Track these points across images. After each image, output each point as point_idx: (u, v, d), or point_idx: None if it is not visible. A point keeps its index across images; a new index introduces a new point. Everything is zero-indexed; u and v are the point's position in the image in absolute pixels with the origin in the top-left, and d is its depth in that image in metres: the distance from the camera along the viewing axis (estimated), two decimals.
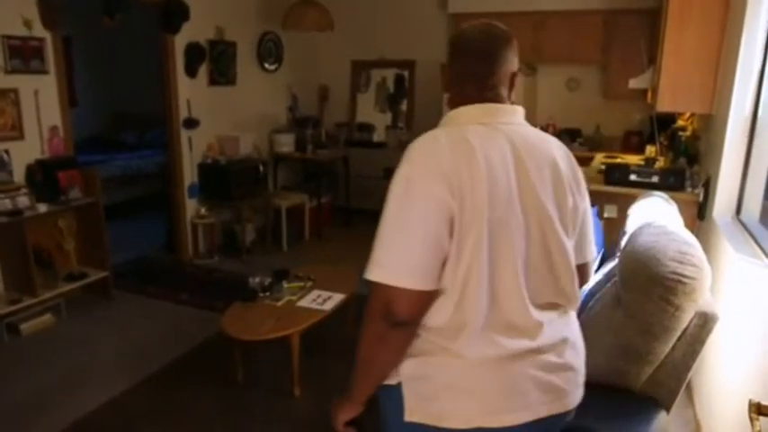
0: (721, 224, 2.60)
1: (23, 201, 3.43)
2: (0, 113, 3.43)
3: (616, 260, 2.21)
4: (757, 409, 1.14)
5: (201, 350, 3.30)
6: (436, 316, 1.14)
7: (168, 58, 4.54)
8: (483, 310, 1.12)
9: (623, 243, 2.09)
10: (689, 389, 2.74)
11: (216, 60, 4.91)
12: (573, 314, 1.27)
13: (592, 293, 2.12)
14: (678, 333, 1.70)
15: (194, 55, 4.69)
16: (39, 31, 3.62)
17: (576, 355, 1.25)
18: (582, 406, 1.25)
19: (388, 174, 1.34)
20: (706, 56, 2.98)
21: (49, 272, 3.64)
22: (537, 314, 1.16)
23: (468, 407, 1.14)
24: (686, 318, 1.67)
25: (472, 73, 1.23)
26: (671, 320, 1.66)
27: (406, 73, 5.95)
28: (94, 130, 6.88)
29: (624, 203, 3.19)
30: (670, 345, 1.72)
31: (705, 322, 1.69)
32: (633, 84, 4.05)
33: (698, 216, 3.07)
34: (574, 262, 1.22)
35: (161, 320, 3.69)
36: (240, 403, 2.79)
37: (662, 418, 1.74)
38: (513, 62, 1.25)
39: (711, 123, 3.21)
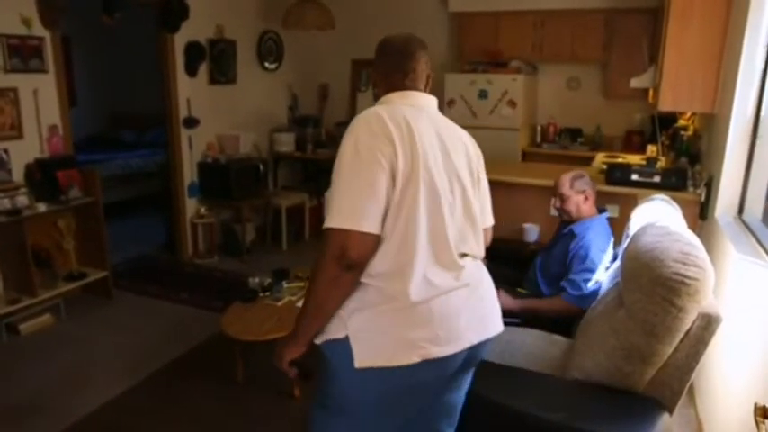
0: (723, 224, 2.58)
1: (22, 200, 3.41)
2: None
3: (618, 261, 2.20)
4: (763, 413, 1.13)
5: (201, 350, 3.29)
6: (381, 261, 1.32)
7: (168, 57, 4.52)
8: (424, 254, 1.33)
9: (626, 244, 2.08)
10: (690, 388, 2.72)
11: (216, 59, 4.90)
12: (481, 262, 1.53)
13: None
14: (681, 334, 1.69)
15: (194, 54, 4.67)
16: (38, 30, 3.60)
17: (490, 289, 1.52)
18: (584, 406, 1.24)
19: None
20: (708, 55, 2.96)
21: (48, 271, 3.63)
22: (458, 260, 1.41)
23: (412, 344, 1.31)
24: (689, 319, 1.66)
25: (396, 67, 1.50)
26: (674, 321, 1.65)
27: None
28: (94, 129, 6.87)
29: (626, 203, 3.18)
30: (673, 346, 1.71)
31: (708, 323, 1.68)
32: (634, 83, 4.03)
33: (700, 216, 3.05)
34: (481, 223, 1.50)
35: (161, 320, 3.68)
36: (240, 403, 2.78)
37: (665, 419, 1.73)
38: (428, 65, 1.55)
39: (713, 123, 3.19)
